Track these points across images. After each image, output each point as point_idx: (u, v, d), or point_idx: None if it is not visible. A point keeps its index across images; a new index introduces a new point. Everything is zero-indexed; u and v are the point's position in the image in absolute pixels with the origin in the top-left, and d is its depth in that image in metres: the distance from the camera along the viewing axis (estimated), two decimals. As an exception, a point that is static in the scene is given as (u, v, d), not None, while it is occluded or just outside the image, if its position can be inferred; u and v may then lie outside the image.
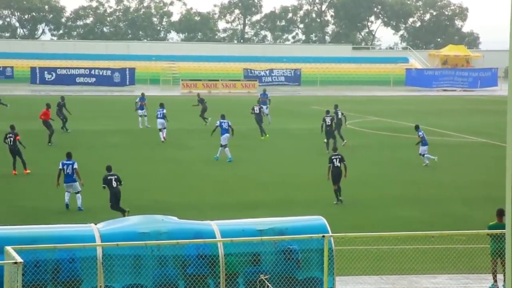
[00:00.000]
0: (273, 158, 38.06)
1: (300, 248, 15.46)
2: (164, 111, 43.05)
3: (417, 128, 36.89)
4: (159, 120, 42.76)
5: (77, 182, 26.26)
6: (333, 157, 27.87)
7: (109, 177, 24.59)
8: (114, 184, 24.42)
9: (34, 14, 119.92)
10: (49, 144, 40.53)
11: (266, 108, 50.82)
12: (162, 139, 42.21)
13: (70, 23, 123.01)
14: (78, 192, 26.21)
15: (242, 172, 34.11)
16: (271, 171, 34.40)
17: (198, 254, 15.07)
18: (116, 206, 24.43)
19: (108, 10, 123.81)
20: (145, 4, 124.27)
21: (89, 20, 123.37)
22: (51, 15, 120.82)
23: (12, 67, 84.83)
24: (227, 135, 36.42)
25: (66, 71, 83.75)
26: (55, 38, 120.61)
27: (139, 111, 48.37)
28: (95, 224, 15.65)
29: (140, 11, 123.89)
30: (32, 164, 33.38)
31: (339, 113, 41.95)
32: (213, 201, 27.65)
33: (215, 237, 15.33)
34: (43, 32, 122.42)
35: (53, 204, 26.62)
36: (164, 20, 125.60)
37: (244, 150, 39.36)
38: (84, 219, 21.52)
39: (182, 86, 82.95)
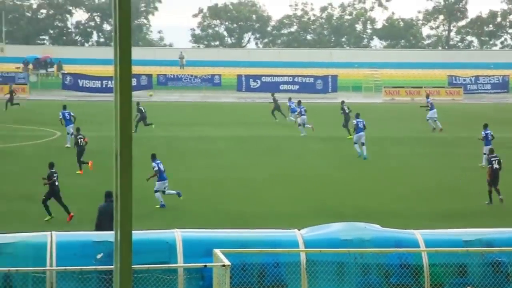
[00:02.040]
0: (476, 165, 36.97)
1: (509, 261, 14.92)
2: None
3: None
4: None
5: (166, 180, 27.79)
6: (492, 159, 28.12)
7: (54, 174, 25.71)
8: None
9: (241, 23, 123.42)
10: None
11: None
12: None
13: (275, 31, 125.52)
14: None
15: (444, 181, 33.37)
16: (475, 179, 33.41)
17: (401, 264, 14.89)
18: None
19: (312, 18, 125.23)
20: (348, 11, 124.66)
21: (293, 28, 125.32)
22: (258, 24, 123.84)
23: (220, 75, 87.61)
24: (362, 133, 38.80)
25: (271, 79, 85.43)
26: (260, 46, 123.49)
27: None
28: (299, 230, 15.82)
29: (343, 18, 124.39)
30: (238, 168, 34.30)
31: None
32: (417, 210, 27.23)
33: (418, 247, 15.08)
34: (249, 40, 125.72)
35: (257, 208, 27.22)
36: (368, 26, 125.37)
37: (454, 158, 38.52)
38: (288, 224, 21.82)
39: (384, 93, 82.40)
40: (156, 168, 27.95)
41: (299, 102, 50.86)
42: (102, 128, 47.88)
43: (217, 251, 13.38)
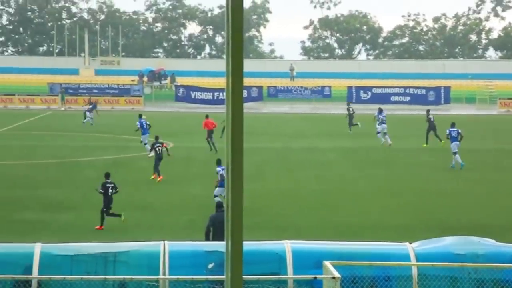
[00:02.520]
0: None
1: None
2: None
3: None
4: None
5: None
6: None
7: (107, 185, 26.22)
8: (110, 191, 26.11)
9: (352, 34, 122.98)
10: None
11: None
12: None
13: (386, 42, 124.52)
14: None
15: None
16: None
17: (518, 280, 14.51)
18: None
19: (425, 29, 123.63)
20: (462, 22, 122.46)
21: (405, 40, 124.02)
22: (369, 35, 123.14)
23: (330, 87, 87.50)
24: (456, 142, 38.57)
25: (381, 90, 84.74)
26: (371, 58, 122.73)
27: None
28: (410, 243, 15.62)
29: (457, 28, 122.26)
30: (347, 180, 34.18)
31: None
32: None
33: (536, 263, 14.67)
34: (360, 52, 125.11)
35: (366, 220, 27.02)
36: (483, 37, 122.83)
37: None
38: (397, 237, 21.56)
39: (500, 104, 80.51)
40: (221, 172, 28.06)
41: (380, 110, 50.28)
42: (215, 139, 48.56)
43: (327, 263, 13.34)
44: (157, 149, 36.07)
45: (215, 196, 27.62)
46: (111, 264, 14.97)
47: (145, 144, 42.34)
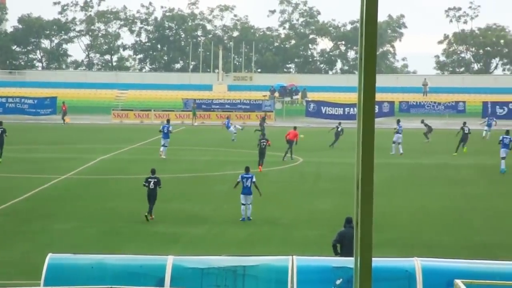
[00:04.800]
0: None
1: None
2: None
3: None
4: None
5: (251, 195, 28.59)
6: None
7: (149, 179, 28.88)
8: (152, 186, 28.63)
9: (488, 49, 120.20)
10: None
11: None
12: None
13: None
14: (250, 204, 28.77)
15: None
16: None
17: None
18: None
19: None
20: None
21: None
22: (506, 50, 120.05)
23: (464, 102, 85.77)
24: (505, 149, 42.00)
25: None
26: (508, 72, 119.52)
27: None
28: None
29: None
30: (482, 197, 33.38)
31: None
32: None
33: None
34: (497, 66, 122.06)
35: (503, 239, 26.28)
36: None
37: None
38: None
39: None
40: (239, 180, 29.04)
41: (398, 121, 53.80)
42: (344, 154, 48.43)
43: (459, 282, 13.04)
44: (261, 143, 42.44)
45: (243, 204, 28.81)
46: (240, 278, 15.14)
47: (165, 146, 47.92)
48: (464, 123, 53.53)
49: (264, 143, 42.56)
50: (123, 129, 73.79)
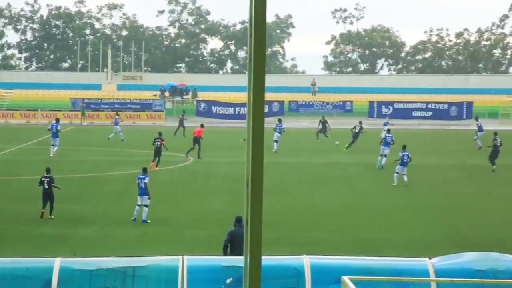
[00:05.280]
0: None
1: None
2: None
3: None
4: None
5: (147, 196, 28.38)
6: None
7: (42, 179, 28.88)
8: (46, 185, 28.68)
9: (374, 49, 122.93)
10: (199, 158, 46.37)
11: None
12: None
13: (409, 57, 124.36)
14: (146, 206, 28.37)
15: None
16: None
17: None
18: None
19: (448, 44, 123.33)
20: (485, 37, 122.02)
21: (427, 54, 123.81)
22: (391, 50, 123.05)
23: (351, 102, 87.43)
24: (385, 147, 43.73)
25: (403, 105, 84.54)
26: (393, 73, 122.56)
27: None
28: (429, 259, 15.56)
29: (480, 43, 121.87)
30: (369, 196, 34.11)
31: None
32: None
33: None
34: (382, 67, 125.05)
35: (388, 235, 26.93)
36: (508, 52, 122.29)
37: None
38: (419, 253, 21.47)
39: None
40: (144, 181, 28.99)
41: (279, 120, 54.87)
42: (232, 154, 48.65)
43: (346, 278, 13.29)
44: (156, 143, 43.18)
45: (138, 205, 28.52)
46: (130, 279, 15.01)
47: (54, 145, 48.49)
48: (360, 123, 55.59)
49: (159, 142, 43.22)
50: (8, 129, 72.01)
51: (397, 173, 38.37)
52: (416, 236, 26.90)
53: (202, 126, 49.45)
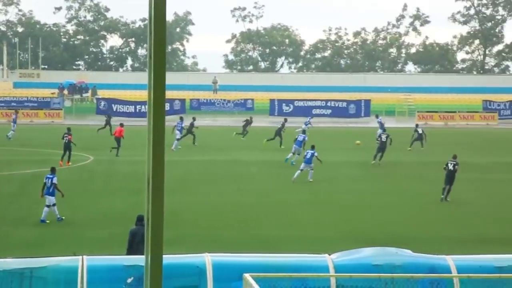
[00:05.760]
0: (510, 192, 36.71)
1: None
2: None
3: None
4: None
5: (54, 196, 28.22)
6: (448, 162, 34.65)
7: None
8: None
9: (274, 48, 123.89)
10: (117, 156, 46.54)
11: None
12: None
13: (308, 56, 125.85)
14: (54, 205, 28.26)
15: (478, 206, 33.13)
16: (510, 206, 33.17)
17: (433, 289, 14.81)
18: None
19: (346, 43, 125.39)
20: (382, 36, 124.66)
21: (327, 53, 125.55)
22: (291, 49, 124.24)
23: (252, 100, 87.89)
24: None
25: (303, 103, 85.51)
26: (294, 71, 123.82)
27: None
28: (329, 255, 15.79)
29: (377, 43, 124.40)
30: (271, 193, 34.40)
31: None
32: (448, 235, 27.04)
33: (450, 272, 14.99)
34: (282, 65, 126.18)
35: (289, 232, 27.20)
36: (402, 51, 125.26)
37: (488, 184, 38.22)
38: (319, 249, 21.77)
39: (418, 117, 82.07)
40: (45, 181, 28.68)
41: (180, 118, 55.46)
42: (134, 152, 48.22)
43: (247, 276, 13.37)
44: (65, 139, 43.09)
45: (47, 206, 28.10)
46: (27, 280, 14.73)
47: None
48: (285, 120, 58.81)
49: (67, 138, 43.20)
50: None
51: (301, 170, 38.83)
52: (317, 232, 27.26)
53: (121, 125, 49.25)
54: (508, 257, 16.00)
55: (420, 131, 53.72)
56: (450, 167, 34.80)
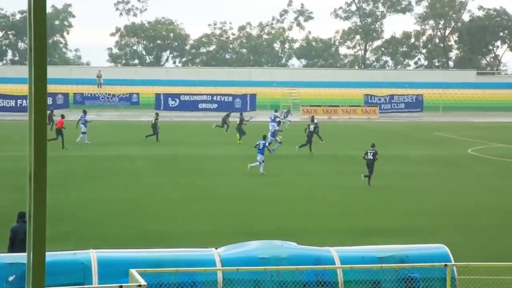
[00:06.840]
0: (395, 184, 37.66)
1: (421, 277, 15.22)
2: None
3: None
4: None
5: None
6: (368, 151, 36.43)
7: None
8: None
9: (159, 42, 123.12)
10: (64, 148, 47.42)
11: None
12: None
13: (193, 50, 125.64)
14: None
15: (365, 198, 33.88)
16: (395, 197, 34.03)
17: (318, 281, 15.05)
18: None
19: (231, 37, 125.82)
20: (266, 31, 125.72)
21: (212, 48, 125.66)
22: (176, 43, 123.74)
23: (138, 94, 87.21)
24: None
25: (189, 97, 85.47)
26: (179, 65, 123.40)
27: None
28: (216, 249, 15.83)
29: (262, 37, 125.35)
30: (156, 188, 34.15)
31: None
32: (334, 227, 27.53)
33: (334, 264, 15.28)
34: (167, 59, 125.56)
35: (175, 227, 27.13)
36: (286, 46, 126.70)
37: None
38: (206, 243, 21.80)
39: (302, 111, 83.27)
40: None
41: (84, 112, 55.64)
42: (16, 148, 47.11)
43: (133, 271, 13.27)
44: None
45: None
46: None
47: None
48: (241, 113, 60.49)
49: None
50: None
51: (261, 162, 39.80)
52: (203, 226, 27.28)
53: (63, 116, 50.82)
54: (389, 247, 16.42)
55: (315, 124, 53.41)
56: (370, 156, 36.03)
